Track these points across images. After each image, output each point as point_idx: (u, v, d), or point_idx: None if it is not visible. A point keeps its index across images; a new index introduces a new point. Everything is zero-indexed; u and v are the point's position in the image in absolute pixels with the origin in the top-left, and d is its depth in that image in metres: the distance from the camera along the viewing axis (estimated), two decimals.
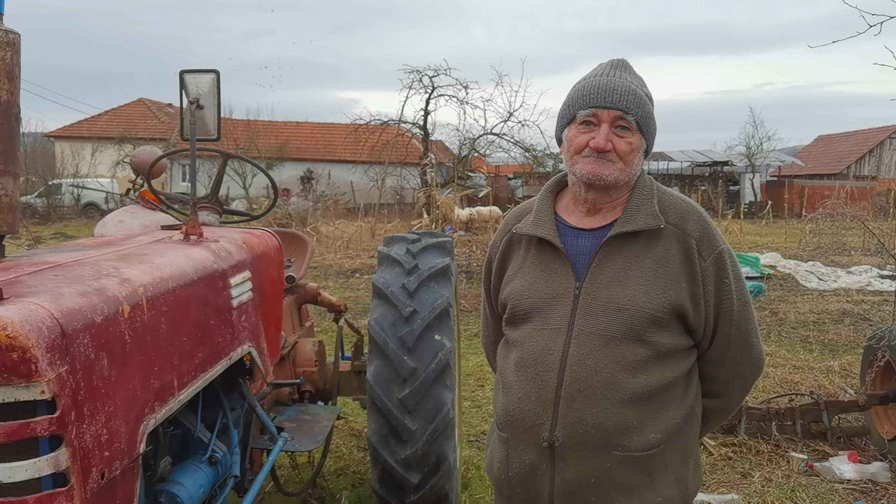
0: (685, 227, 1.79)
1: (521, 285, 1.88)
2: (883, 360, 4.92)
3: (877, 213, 22.62)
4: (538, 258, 1.88)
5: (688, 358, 1.83)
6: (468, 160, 29.43)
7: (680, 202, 1.85)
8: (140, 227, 3.71)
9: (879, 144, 42.15)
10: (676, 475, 1.79)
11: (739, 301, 1.81)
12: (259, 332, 2.87)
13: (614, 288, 1.76)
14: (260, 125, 34.46)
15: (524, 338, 1.84)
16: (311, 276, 12.51)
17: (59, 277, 1.84)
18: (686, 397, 1.81)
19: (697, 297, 1.77)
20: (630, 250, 1.78)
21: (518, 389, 1.82)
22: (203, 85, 2.73)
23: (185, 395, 2.13)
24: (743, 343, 1.84)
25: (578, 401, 1.73)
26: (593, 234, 1.83)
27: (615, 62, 1.86)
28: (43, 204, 27.62)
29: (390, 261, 3.65)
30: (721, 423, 2.07)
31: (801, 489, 4.28)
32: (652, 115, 1.82)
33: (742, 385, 1.93)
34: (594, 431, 1.72)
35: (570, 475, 1.75)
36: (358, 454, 4.84)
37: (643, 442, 1.74)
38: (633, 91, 1.77)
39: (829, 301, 10.79)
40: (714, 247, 1.79)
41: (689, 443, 1.83)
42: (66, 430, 1.57)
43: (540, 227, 1.87)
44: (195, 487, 2.30)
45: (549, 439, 1.75)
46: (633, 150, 1.78)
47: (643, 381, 1.73)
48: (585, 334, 1.75)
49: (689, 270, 1.77)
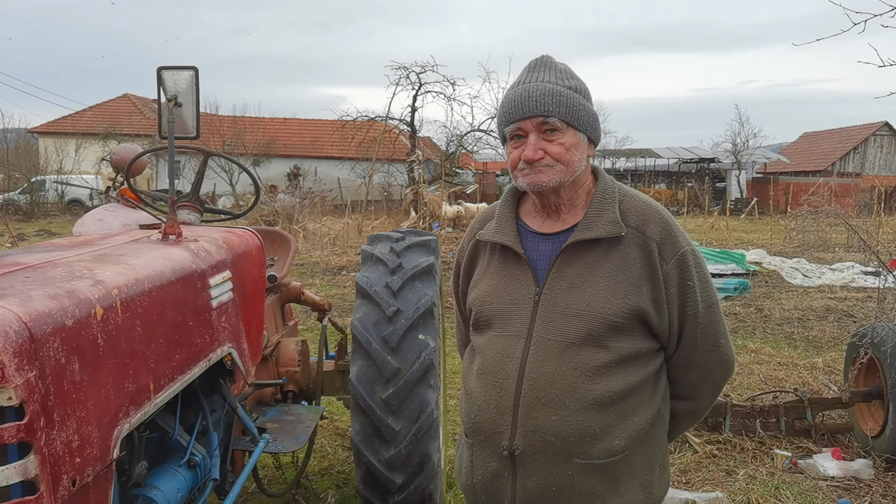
0: (646, 231, 1.76)
1: (485, 291, 1.87)
2: (866, 357, 4.94)
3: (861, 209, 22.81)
4: (501, 264, 1.86)
5: (653, 361, 1.79)
6: (456, 157, 29.41)
7: (641, 205, 1.81)
8: (120, 225, 3.66)
9: (864, 141, 42.50)
10: (642, 481, 1.76)
11: (705, 303, 1.78)
12: (240, 332, 2.83)
13: (573, 293, 1.73)
14: (247, 121, 34.27)
15: (486, 344, 1.83)
16: (298, 274, 12.45)
17: (29, 279, 1.80)
18: (653, 401, 1.78)
19: (660, 300, 1.74)
20: (590, 255, 1.75)
21: (479, 397, 1.81)
22: (181, 82, 2.69)
23: (161, 398, 2.09)
24: (710, 345, 1.81)
25: (537, 409, 1.70)
26: (554, 238, 1.81)
27: (532, 63, 1.81)
28: (27, 201, 27.34)
29: (374, 259, 3.63)
30: (692, 425, 2.04)
31: (785, 486, 4.30)
32: (581, 105, 1.75)
33: (712, 387, 1.89)
34: (553, 440, 1.70)
35: (531, 483, 1.72)
36: (342, 454, 4.81)
37: (606, 449, 1.71)
38: (551, 91, 1.73)
39: (813, 298, 10.86)
40: (676, 249, 1.76)
41: (656, 447, 1.80)
42: (34, 436, 1.53)
43: (501, 233, 1.86)
44: (173, 491, 2.27)
45: (508, 448, 1.73)
46: (567, 149, 1.74)
47: (604, 388, 1.70)
48: (544, 341, 1.73)
49: (650, 274, 1.74)
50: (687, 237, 1.82)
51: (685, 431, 2.11)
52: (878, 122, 42.81)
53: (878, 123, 42.72)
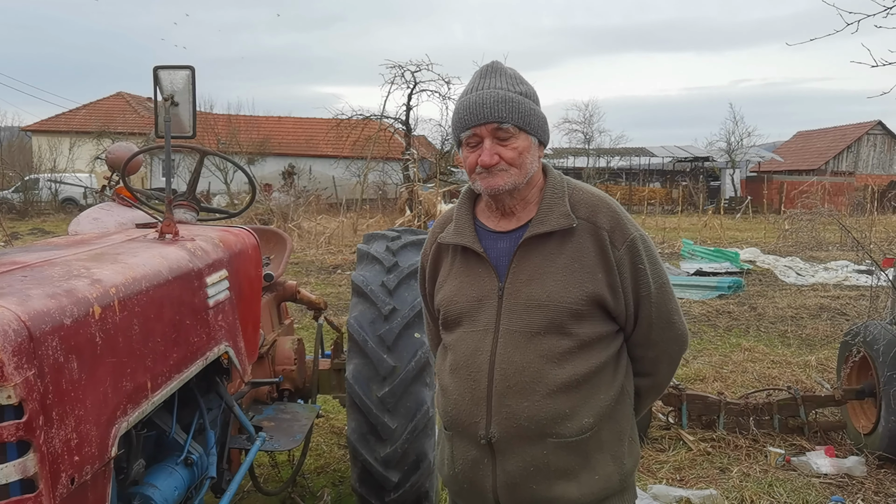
0: (596, 221, 1.86)
1: (450, 291, 1.96)
2: (858, 355, 4.97)
3: (854, 208, 22.91)
4: (463, 264, 1.95)
5: (614, 342, 1.90)
6: (451, 155, 29.41)
7: (590, 197, 1.91)
8: (115, 224, 3.66)
9: (857, 140, 42.65)
10: (612, 453, 1.87)
11: (656, 283, 1.89)
12: (236, 331, 2.84)
13: (533, 285, 1.83)
14: (241, 120, 34.16)
15: (456, 341, 1.92)
16: (293, 273, 12.45)
17: (27, 278, 1.81)
18: (616, 379, 1.89)
19: (615, 285, 1.84)
20: (545, 248, 1.85)
21: (453, 391, 1.91)
22: (178, 81, 2.69)
23: (159, 396, 2.10)
24: (665, 323, 1.92)
25: (509, 397, 1.81)
26: (510, 235, 1.90)
27: (483, 70, 1.89)
28: (20, 199, 27.24)
29: (370, 258, 3.64)
30: (655, 399, 2.16)
31: (778, 483, 4.33)
32: (531, 110, 1.84)
33: (669, 361, 2.01)
34: (527, 424, 1.80)
35: (510, 466, 1.82)
36: (338, 452, 4.82)
37: (577, 427, 1.81)
38: (503, 97, 1.81)
39: (806, 296, 10.91)
40: (626, 236, 1.86)
41: (622, 421, 1.91)
42: (33, 435, 1.54)
43: (461, 235, 1.94)
44: (170, 489, 2.28)
45: (486, 436, 1.83)
46: (520, 152, 1.83)
47: (570, 371, 1.81)
48: (510, 332, 1.83)
49: (603, 261, 1.84)
50: (635, 224, 1.92)
51: (649, 406, 2.24)
52: (871, 121, 42.97)
53: (871, 122, 42.88)
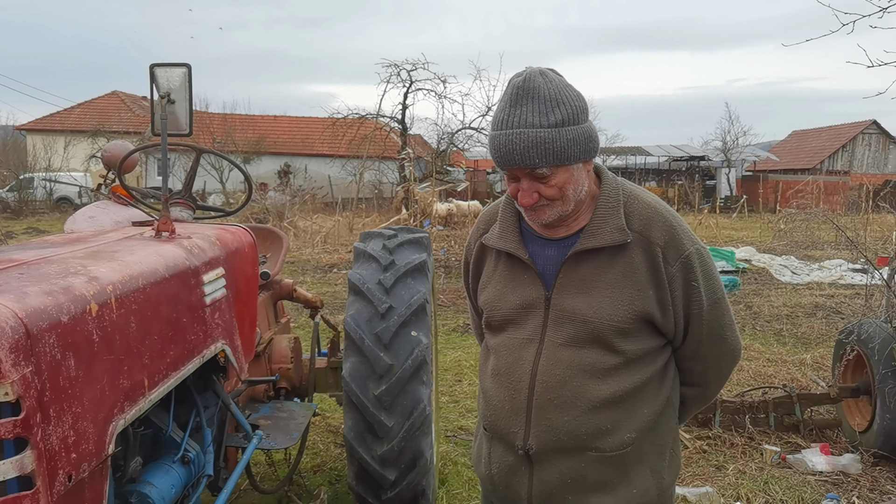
0: (650, 235, 1.75)
1: (493, 295, 1.89)
2: (853, 353, 4.99)
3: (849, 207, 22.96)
4: (507, 268, 1.87)
5: (661, 355, 1.83)
6: (447, 154, 29.41)
7: (645, 209, 1.79)
8: (111, 222, 3.65)
9: (852, 140, 42.76)
10: (652, 467, 1.81)
11: (710, 300, 1.80)
12: (233, 329, 2.84)
13: (580, 299, 1.75)
14: (237, 119, 34.11)
15: (499, 346, 1.87)
16: (289, 272, 12.43)
17: (24, 276, 1.80)
18: (661, 392, 1.83)
19: (665, 302, 1.76)
20: (596, 261, 1.76)
21: (494, 397, 1.86)
22: (174, 79, 2.69)
23: (156, 394, 2.10)
24: (716, 338, 1.85)
25: (549, 410, 1.75)
26: (559, 243, 1.81)
27: (514, 92, 1.67)
28: (15, 198, 27.14)
29: (366, 257, 3.64)
30: (701, 408, 2.10)
31: (774, 481, 4.34)
32: (568, 142, 1.65)
33: (718, 375, 1.94)
34: (567, 438, 1.75)
35: (547, 476, 1.78)
36: (335, 451, 4.82)
37: (618, 442, 1.76)
38: (533, 140, 1.63)
39: (802, 295, 10.94)
40: (680, 252, 1.76)
41: (665, 434, 1.85)
42: (31, 432, 1.54)
43: (505, 239, 1.86)
44: (167, 487, 2.27)
45: (523, 447, 1.78)
46: (561, 187, 1.70)
47: (613, 387, 1.74)
48: (554, 345, 1.77)
49: (655, 278, 1.75)
50: (692, 236, 1.81)
51: (694, 414, 2.15)
52: (866, 121, 43.07)
53: (866, 122, 42.98)
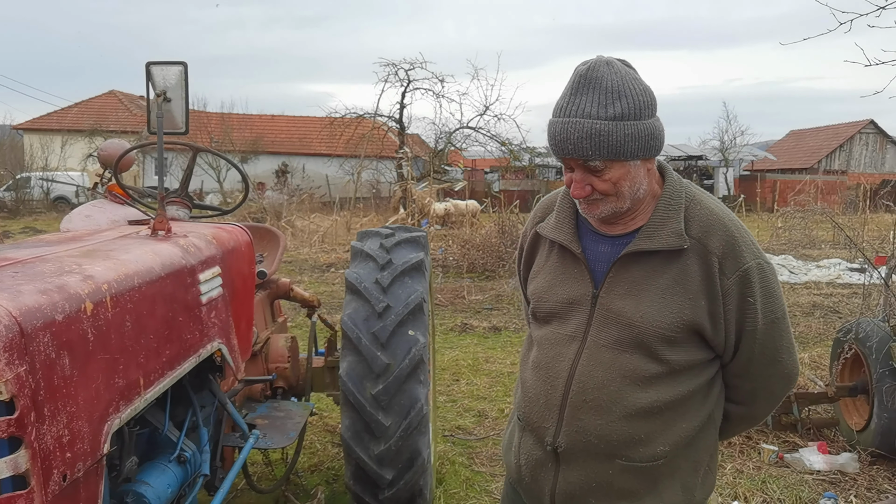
0: (707, 244, 1.67)
1: (542, 286, 1.85)
2: (851, 352, 4.99)
3: (847, 206, 23.00)
4: (559, 260, 1.83)
5: (708, 369, 1.75)
6: (444, 154, 29.40)
7: (707, 215, 1.71)
8: (107, 221, 3.64)
9: (849, 139, 42.82)
10: (683, 482, 1.75)
11: (766, 319, 1.70)
12: (229, 328, 2.83)
13: (628, 301, 1.69)
14: (234, 118, 34.09)
15: (542, 339, 1.83)
16: (286, 271, 12.42)
17: (18, 275, 1.79)
18: (704, 407, 1.75)
19: (717, 315, 1.68)
20: (649, 263, 1.70)
21: (531, 388, 1.83)
22: (170, 77, 2.68)
23: (151, 393, 2.09)
24: (769, 359, 1.75)
25: (583, 411, 1.71)
26: (614, 241, 1.75)
27: (578, 80, 1.63)
28: (11, 198, 27.09)
29: (364, 256, 3.63)
30: (748, 429, 1.97)
31: (771, 480, 4.34)
32: (625, 137, 1.60)
33: (768, 397, 1.84)
34: (597, 442, 1.71)
35: (572, 477, 1.75)
36: (332, 450, 4.81)
37: (650, 454, 1.71)
38: (588, 132, 1.58)
39: (800, 294, 10.95)
40: (739, 265, 1.67)
41: (702, 450, 1.78)
42: (25, 431, 1.53)
43: (560, 231, 1.81)
44: (163, 487, 2.27)
45: (552, 444, 1.75)
46: (615, 182, 1.64)
47: (653, 397, 1.68)
48: (597, 345, 1.72)
49: (709, 288, 1.67)
50: (755, 250, 1.71)
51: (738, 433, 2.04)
52: (863, 120, 43.12)
53: (863, 121, 43.04)
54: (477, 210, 19.01)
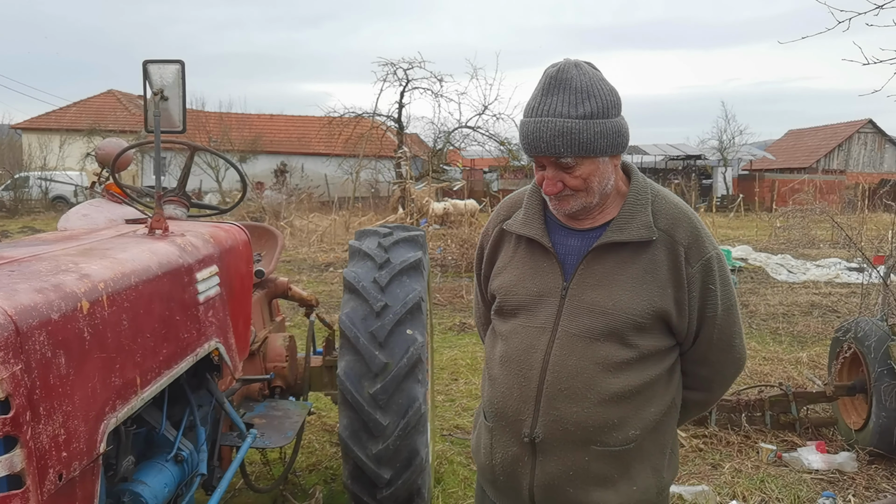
0: (675, 234, 1.78)
1: (510, 281, 1.88)
2: (849, 351, 4.99)
3: (845, 206, 23.02)
4: (528, 254, 1.88)
5: (670, 356, 1.85)
6: (443, 153, 29.41)
7: (672, 208, 1.82)
8: (105, 220, 3.63)
9: (848, 139, 42.82)
10: (653, 465, 1.83)
11: (724, 305, 1.83)
12: (227, 327, 2.83)
13: (600, 291, 1.76)
14: (233, 118, 34.06)
15: (510, 333, 1.86)
16: (285, 270, 12.41)
17: (14, 273, 1.79)
18: (667, 392, 1.85)
19: (682, 302, 1.78)
20: (619, 255, 1.78)
21: (502, 383, 1.85)
22: (167, 76, 2.67)
23: (148, 392, 2.09)
24: (725, 345, 1.87)
25: (559, 400, 1.76)
26: (584, 234, 1.82)
27: (548, 81, 1.71)
28: (10, 197, 27.06)
29: (362, 255, 3.62)
30: (701, 413, 2.12)
31: (770, 479, 4.34)
32: (596, 134, 1.68)
33: (722, 382, 1.97)
34: (574, 429, 1.76)
35: (550, 468, 1.79)
36: (330, 449, 4.81)
37: (623, 438, 1.78)
38: (560, 130, 1.66)
39: (798, 293, 10.95)
40: (702, 254, 1.78)
41: (666, 433, 1.88)
42: (20, 430, 1.52)
43: (529, 226, 1.86)
44: (160, 486, 2.26)
45: (529, 435, 1.79)
46: (585, 178, 1.72)
47: (624, 382, 1.76)
48: (569, 335, 1.77)
49: (675, 277, 1.77)
50: (713, 241, 1.84)
51: (693, 418, 2.18)
52: (862, 120, 43.12)
53: (862, 121, 43.04)
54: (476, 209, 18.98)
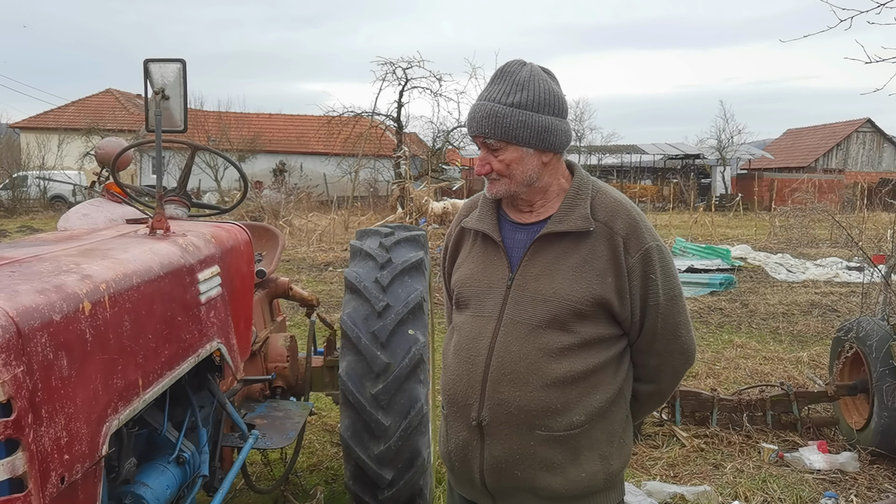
0: (612, 226, 1.88)
1: (465, 274, 2.01)
2: (851, 350, 4.98)
3: (844, 205, 23.03)
4: (482, 249, 2.00)
5: (616, 345, 1.93)
6: (442, 153, 29.40)
7: (610, 201, 1.93)
8: (105, 220, 3.62)
9: (846, 138, 42.85)
10: (601, 452, 1.90)
11: (666, 295, 1.91)
12: (228, 327, 2.81)
13: (542, 280, 1.87)
14: (232, 117, 34.01)
15: (462, 323, 1.98)
16: (284, 270, 12.39)
17: (15, 274, 1.77)
18: (615, 381, 1.92)
19: (623, 291, 1.87)
20: (560, 246, 1.89)
21: (453, 371, 1.97)
22: (168, 74, 2.66)
23: (150, 394, 2.07)
24: (670, 335, 1.94)
25: (503, 384, 1.86)
26: (528, 228, 1.95)
27: (496, 72, 1.89)
28: (8, 197, 27.02)
29: (363, 255, 3.61)
30: (657, 406, 2.17)
31: (771, 479, 4.33)
32: (521, 122, 1.82)
33: (672, 373, 2.03)
34: (517, 412, 1.85)
35: (497, 451, 1.88)
36: (331, 450, 4.80)
37: (567, 423, 1.85)
38: (490, 112, 1.83)
39: (798, 293, 10.95)
40: (641, 244, 1.88)
41: (615, 423, 1.94)
42: (22, 433, 1.51)
43: (482, 221, 2.00)
44: (162, 488, 2.25)
45: (477, 419, 1.88)
46: (508, 164, 1.86)
47: (566, 367, 1.84)
48: (513, 322, 1.87)
49: (615, 266, 1.86)
50: (654, 233, 1.93)
51: (651, 412, 2.27)
52: (860, 119, 43.15)
53: (860, 120, 43.07)
54: None
